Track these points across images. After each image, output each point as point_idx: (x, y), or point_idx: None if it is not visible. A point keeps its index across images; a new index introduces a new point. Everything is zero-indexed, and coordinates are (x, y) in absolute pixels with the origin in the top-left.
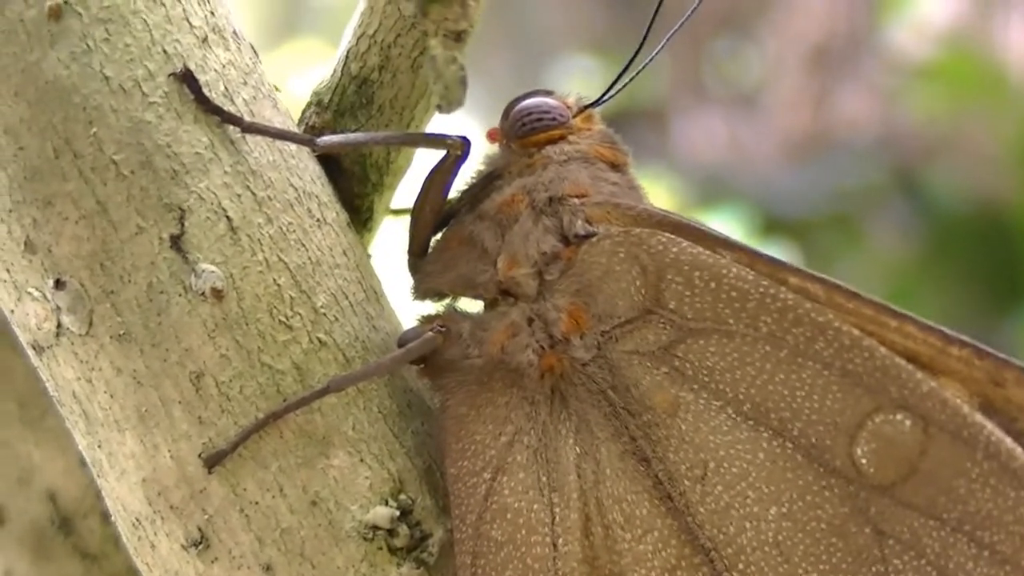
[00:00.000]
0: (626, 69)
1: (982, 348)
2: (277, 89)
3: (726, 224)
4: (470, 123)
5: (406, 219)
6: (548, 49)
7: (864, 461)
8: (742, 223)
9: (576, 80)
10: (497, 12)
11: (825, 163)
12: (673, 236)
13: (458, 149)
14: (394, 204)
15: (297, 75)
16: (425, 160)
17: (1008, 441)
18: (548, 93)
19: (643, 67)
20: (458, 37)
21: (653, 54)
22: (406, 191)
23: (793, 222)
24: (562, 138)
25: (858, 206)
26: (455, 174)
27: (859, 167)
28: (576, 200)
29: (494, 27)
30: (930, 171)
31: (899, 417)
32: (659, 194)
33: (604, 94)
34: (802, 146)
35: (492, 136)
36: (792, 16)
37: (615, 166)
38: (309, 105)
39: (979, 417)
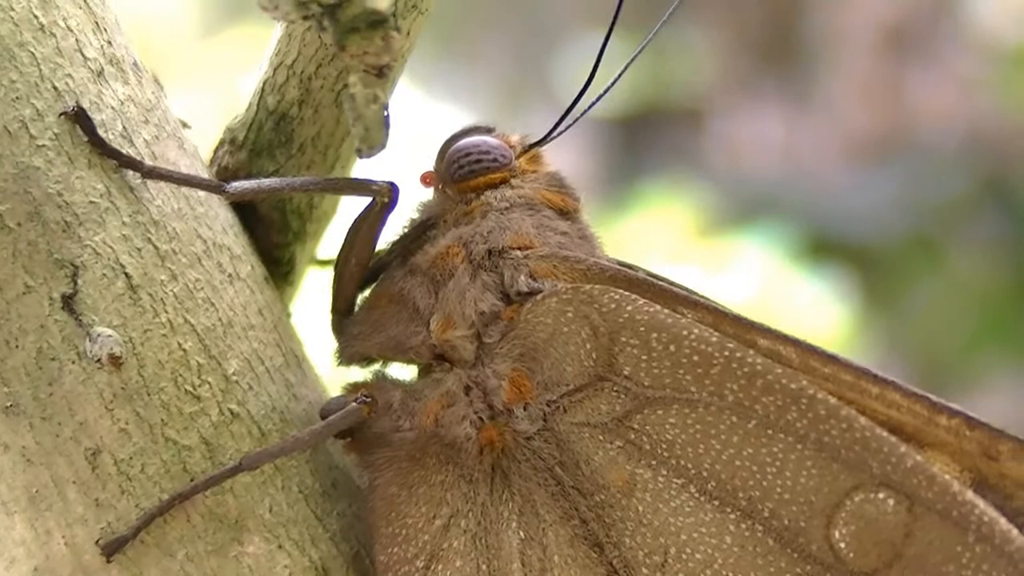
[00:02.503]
0: (586, 88)
1: (974, 418)
2: (185, 125)
3: (762, 244)
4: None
5: (332, 271)
6: (555, 28)
7: (843, 545)
8: (787, 243)
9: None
10: None
11: (897, 170)
12: (628, 293)
13: (386, 195)
14: (320, 254)
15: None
16: (353, 204)
17: (1003, 522)
18: (488, 131)
19: (606, 90)
20: (380, 72)
21: (620, 71)
22: (333, 238)
23: (855, 243)
24: (504, 182)
25: (938, 224)
26: (383, 223)
27: (939, 176)
28: (519, 252)
29: (492, 6)
30: None
31: (881, 495)
32: (684, 208)
33: (552, 131)
34: (869, 150)
35: (426, 180)
36: None
37: (564, 213)
38: (221, 143)
39: (970, 495)
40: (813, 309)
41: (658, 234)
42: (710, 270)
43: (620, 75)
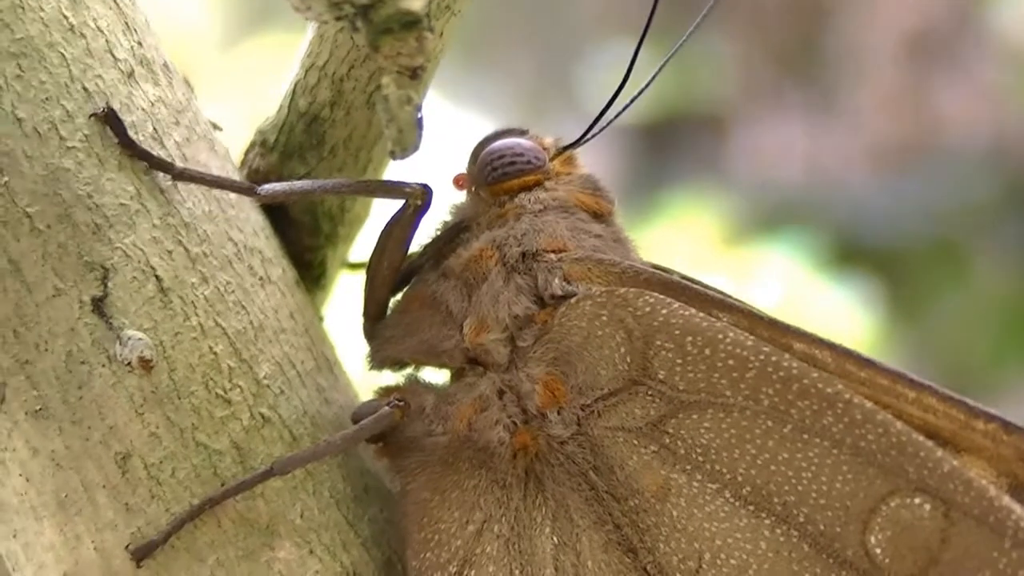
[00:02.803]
0: (618, 93)
1: (1010, 423)
2: (216, 127)
3: (790, 252)
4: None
5: (364, 275)
6: (580, 37)
7: (879, 551)
8: (812, 251)
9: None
10: None
11: (922, 177)
12: (662, 296)
13: (419, 198)
14: (351, 257)
15: (265, 75)
16: (385, 207)
17: None
18: (522, 133)
19: (637, 95)
20: (414, 74)
21: (652, 77)
22: (365, 242)
23: (880, 250)
24: (538, 184)
25: (963, 230)
26: (416, 226)
27: (965, 182)
28: (553, 255)
29: (516, 15)
30: None
31: (917, 500)
32: (708, 216)
33: (586, 133)
34: (894, 157)
35: (459, 182)
36: None
37: (598, 216)
38: (252, 146)
39: (1007, 500)
40: (838, 317)
41: (682, 242)
42: (735, 278)
43: (653, 79)
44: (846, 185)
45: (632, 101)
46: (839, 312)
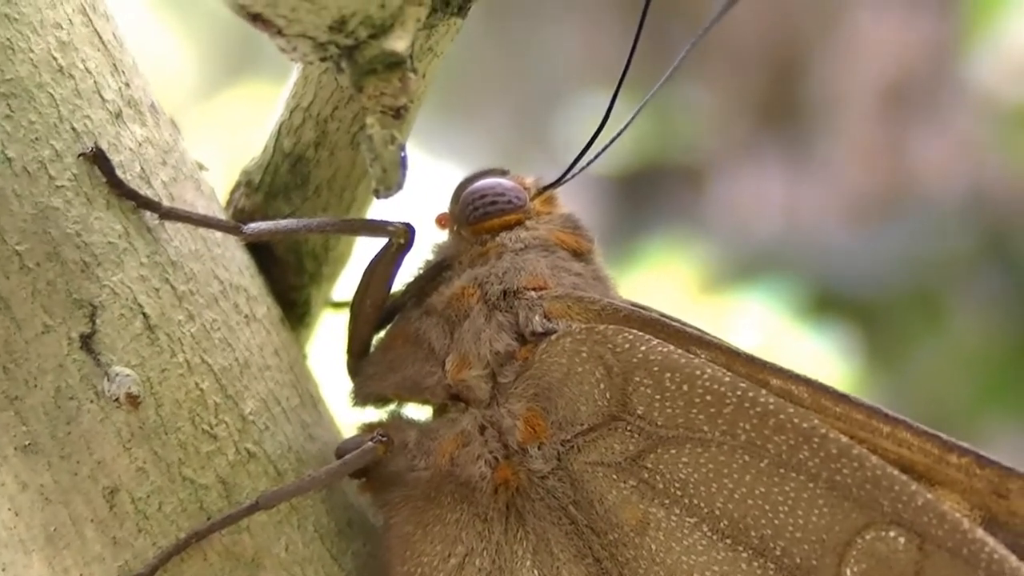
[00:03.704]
0: (598, 132)
1: (984, 456)
2: (202, 167)
3: (768, 300)
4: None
5: (347, 313)
6: (558, 86)
7: None
8: (789, 299)
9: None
10: (498, 45)
11: (899, 227)
12: (641, 333)
13: (401, 237)
14: (335, 296)
15: (245, 122)
16: (369, 247)
17: (1012, 560)
18: (502, 173)
19: (616, 136)
20: (397, 114)
21: (631, 118)
22: (349, 281)
23: (858, 300)
24: (518, 223)
25: (940, 280)
26: (399, 264)
27: (941, 232)
28: (534, 293)
29: (492, 66)
30: None
31: (892, 534)
32: (689, 264)
33: (567, 172)
34: (871, 207)
35: (441, 222)
36: (858, 48)
37: (578, 254)
38: (237, 186)
39: (981, 533)
40: (816, 365)
41: (660, 290)
42: (713, 327)
43: (632, 118)
44: (823, 235)
45: (612, 141)
46: (816, 361)
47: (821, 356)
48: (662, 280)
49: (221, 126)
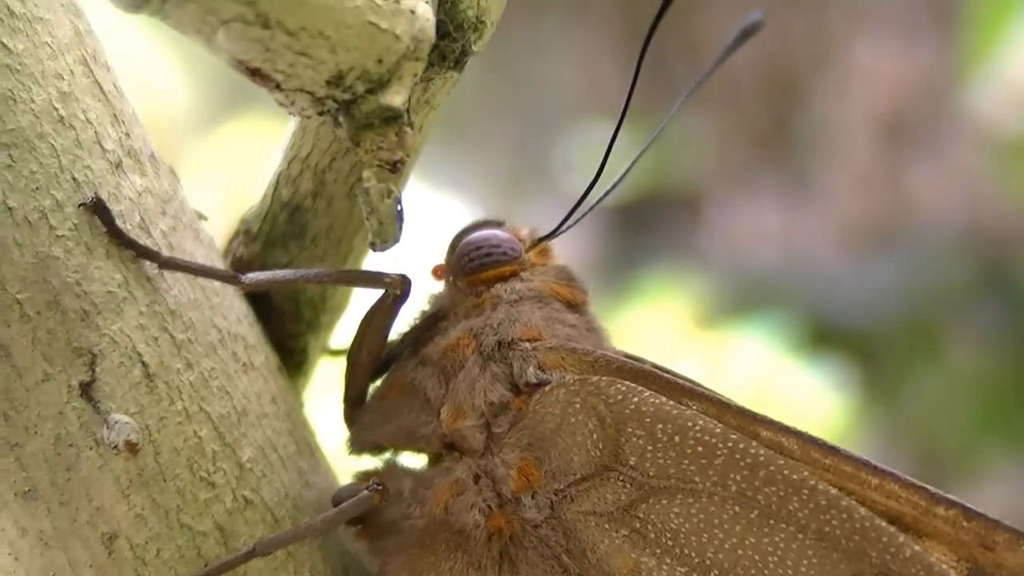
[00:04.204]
0: (589, 189)
1: (971, 508)
2: (201, 216)
3: (763, 334)
4: (465, 214)
5: (344, 362)
6: (558, 117)
7: None
8: (785, 333)
9: (593, 152)
10: (499, 76)
11: (896, 259)
12: (634, 385)
13: (397, 288)
14: (332, 344)
15: (245, 157)
16: (366, 296)
17: None
18: (499, 224)
19: (610, 190)
20: (394, 168)
21: (622, 174)
22: (346, 329)
23: (854, 331)
24: (513, 275)
25: (937, 311)
26: (395, 315)
27: (938, 263)
28: (528, 344)
29: (493, 97)
30: None
31: None
32: (682, 299)
33: (561, 224)
34: (867, 238)
35: (437, 273)
36: (856, 79)
37: (572, 305)
38: (236, 234)
39: None
40: (812, 399)
41: (656, 325)
42: (708, 361)
43: (628, 171)
44: (820, 265)
45: (608, 192)
46: (812, 395)
47: (817, 390)
48: (658, 315)
49: (222, 161)
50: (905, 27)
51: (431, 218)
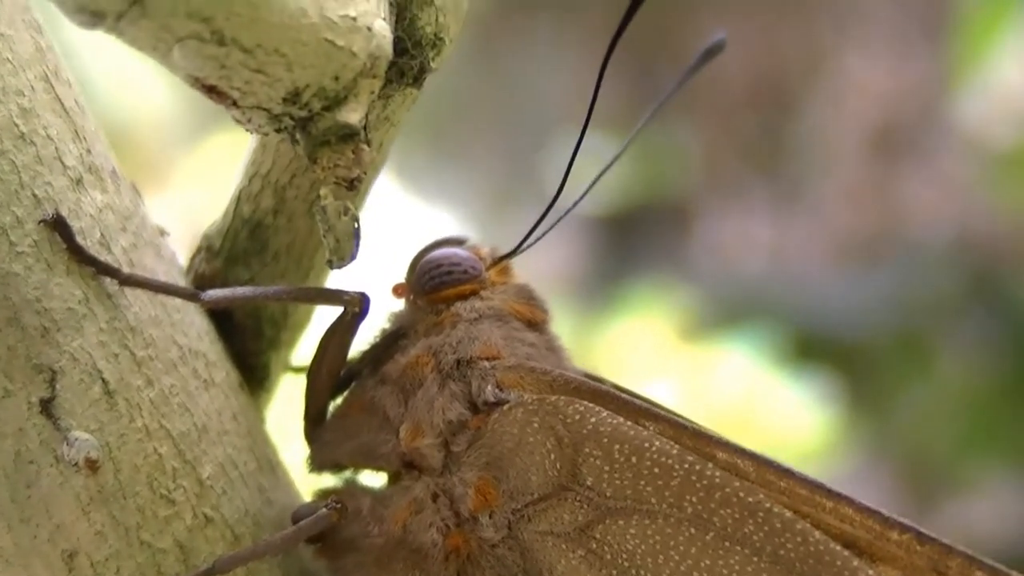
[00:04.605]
0: (549, 209)
1: (924, 533)
2: (163, 232)
3: (751, 347)
4: (454, 225)
5: (305, 379)
6: (547, 125)
7: None
8: (773, 346)
9: (582, 161)
10: (487, 84)
11: (886, 270)
12: (592, 405)
13: (356, 305)
14: (294, 361)
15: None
16: (327, 313)
17: None
18: (459, 243)
19: (571, 208)
20: (351, 185)
21: (586, 189)
22: (307, 346)
23: (843, 342)
24: (473, 293)
25: (928, 323)
26: (354, 332)
27: (929, 274)
28: (487, 363)
29: (481, 105)
30: (1016, 280)
31: None
32: (669, 311)
33: (521, 243)
34: (858, 249)
35: (398, 291)
36: (847, 91)
37: (532, 324)
38: (198, 250)
39: None
40: (797, 414)
41: (643, 338)
42: (693, 375)
43: (589, 189)
44: (810, 277)
45: (568, 211)
46: (798, 409)
47: (803, 404)
48: (644, 329)
49: (210, 172)
50: (895, 38)
51: (418, 228)
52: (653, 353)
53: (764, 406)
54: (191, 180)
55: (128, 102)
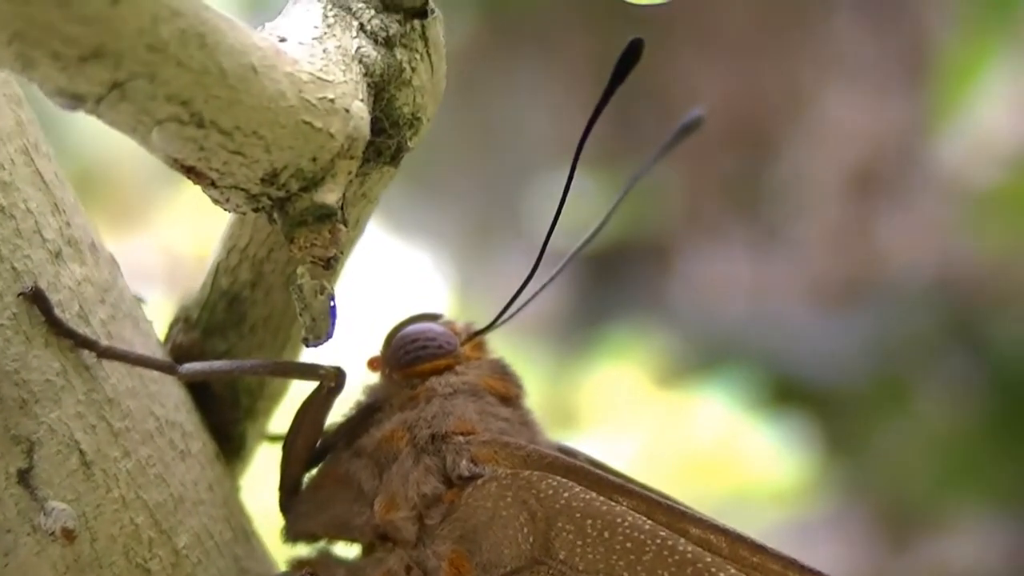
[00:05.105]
0: (524, 286)
1: None
2: (140, 301)
3: (727, 392)
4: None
5: (281, 449)
6: (528, 163)
7: None
8: (750, 389)
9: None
10: (468, 121)
11: (866, 311)
12: (565, 480)
13: (332, 380)
14: (271, 430)
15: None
16: (303, 384)
17: None
18: (434, 318)
19: (543, 287)
20: (327, 264)
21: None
22: (284, 415)
23: (822, 383)
24: (448, 368)
25: (906, 364)
26: (330, 406)
27: (908, 316)
28: (461, 438)
29: (464, 139)
30: (995, 321)
31: None
32: (649, 356)
33: (497, 318)
34: (837, 291)
35: (373, 365)
36: (827, 132)
37: (506, 399)
38: (176, 321)
39: None
40: (774, 457)
41: (618, 385)
42: (670, 421)
43: (573, 255)
44: (789, 318)
45: (552, 279)
46: (774, 454)
47: (779, 449)
48: (621, 375)
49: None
50: (876, 80)
51: (399, 268)
52: (629, 400)
53: (739, 451)
54: (169, 219)
55: (106, 140)
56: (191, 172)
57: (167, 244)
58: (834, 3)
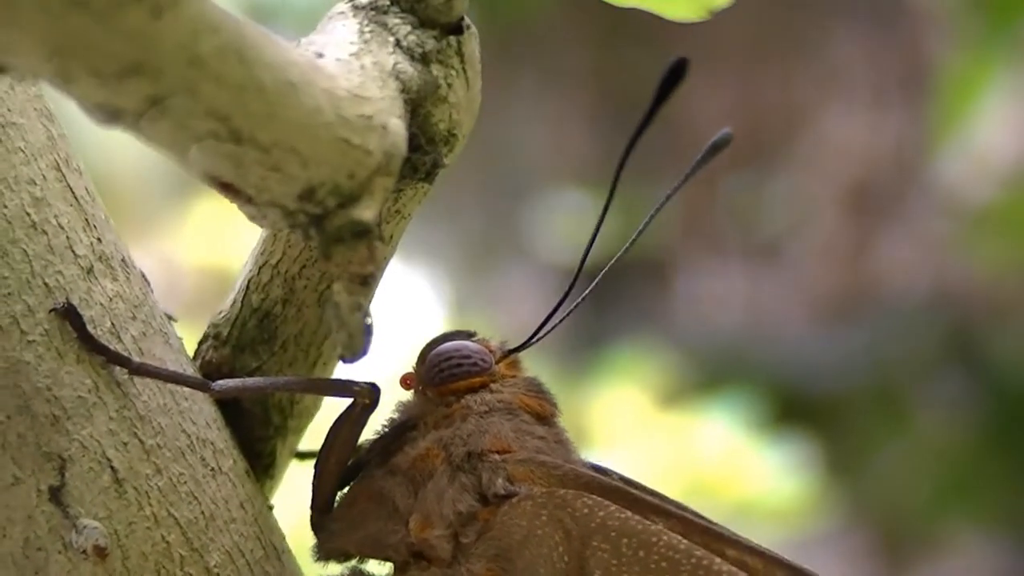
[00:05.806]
0: (553, 312)
1: None
2: (171, 319)
3: (728, 411)
4: (436, 280)
5: (313, 467)
6: (529, 184)
7: None
8: (751, 407)
9: (564, 219)
10: (469, 142)
11: (863, 327)
12: (600, 499)
13: (366, 397)
14: (301, 447)
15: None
16: (335, 400)
17: None
18: (469, 336)
19: (576, 305)
20: (364, 281)
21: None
22: (316, 433)
23: (820, 400)
24: (484, 386)
25: (904, 380)
26: (363, 424)
27: (906, 332)
28: (497, 456)
29: (466, 160)
30: (992, 337)
31: None
32: (648, 376)
33: (531, 338)
34: (835, 307)
35: (406, 382)
36: (825, 149)
37: (541, 418)
38: (206, 338)
39: None
40: (775, 479)
41: (619, 407)
42: (671, 442)
43: (592, 288)
44: (787, 335)
45: (576, 305)
46: (775, 474)
47: (780, 469)
48: (622, 396)
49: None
50: (874, 97)
51: (396, 287)
52: (630, 421)
53: (741, 470)
54: (171, 232)
55: (109, 155)
56: (228, 189)
57: (168, 257)
58: (833, 21)
